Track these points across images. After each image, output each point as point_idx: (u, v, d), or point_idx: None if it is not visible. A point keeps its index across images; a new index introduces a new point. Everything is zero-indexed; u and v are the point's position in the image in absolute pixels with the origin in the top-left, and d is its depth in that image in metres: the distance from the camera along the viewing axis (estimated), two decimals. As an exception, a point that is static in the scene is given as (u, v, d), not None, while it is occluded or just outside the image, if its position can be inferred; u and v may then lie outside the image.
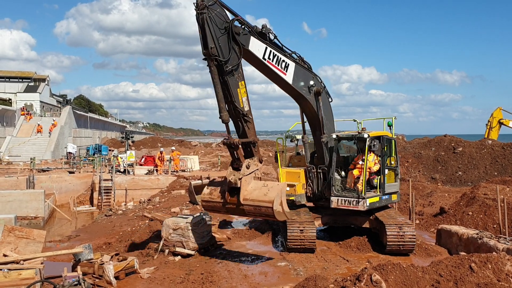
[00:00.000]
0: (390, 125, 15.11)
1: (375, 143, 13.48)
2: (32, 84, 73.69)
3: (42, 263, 10.61)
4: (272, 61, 11.86)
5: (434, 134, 55.90)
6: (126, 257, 11.59)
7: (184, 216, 14.36)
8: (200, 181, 23.75)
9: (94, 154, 44.82)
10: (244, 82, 10.93)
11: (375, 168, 13.90)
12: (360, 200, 13.28)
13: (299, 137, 15.71)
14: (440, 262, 7.77)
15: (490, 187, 19.98)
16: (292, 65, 12.48)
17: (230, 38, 10.55)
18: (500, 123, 42.48)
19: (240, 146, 11.00)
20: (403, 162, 37.80)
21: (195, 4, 10.09)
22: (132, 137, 53.97)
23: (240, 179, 10.88)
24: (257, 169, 11.35)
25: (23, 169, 35.54)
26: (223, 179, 11.91)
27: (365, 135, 13.49)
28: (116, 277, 10.58)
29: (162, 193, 28.70)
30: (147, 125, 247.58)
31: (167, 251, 13.05)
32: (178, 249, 12.93)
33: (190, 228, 13.00)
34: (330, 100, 14.18)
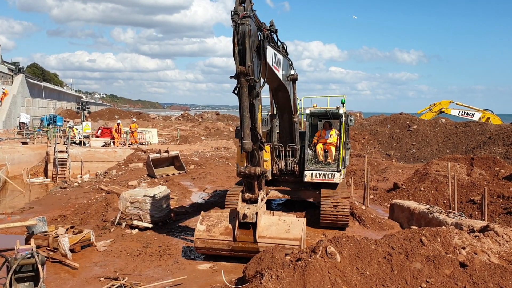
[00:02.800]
0: (343, 103, 15.39)
1: (351, 118, 14.01)
2: (-19, 50, 70.22)
3: (-7, 236, 10.33)
4: (275, 63, 11.00)
5: (390, 112, 57.29)
6: (82, 230, 11.42)
7: (141, 189, 14.22)
8: (158, 155, 23.50)
9: (48, 125, 43.46)
10: (261, 106, 10.06)
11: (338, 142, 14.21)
12: (336, 173, 13.56)
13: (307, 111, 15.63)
14: (392, 235, 8.04)
15: (442, 164, 20.73)
16: (281, 59, 11.73)
17: (262, 55, 9.62)
18: (441, 111, 44.96)
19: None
20: (359, 138, 38.60)
21: (234, 12, 8.89)
22: (88, 108, 52.61)
23: (257, 213, 9.74)
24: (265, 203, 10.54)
25: (-28, 139, 34.13)
26: (217, 212, 10.81)
27: (341, 111, 13.75)
28: (72, 250, 10.44)
29: (119, 166, 28.24)
30: (104, 96, 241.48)
31: (124, 224, 12.93)
32: (135, 222, 12.83)
33: (148, 201, 12.90)
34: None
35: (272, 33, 10.80)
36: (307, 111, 14.29)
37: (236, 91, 9.45)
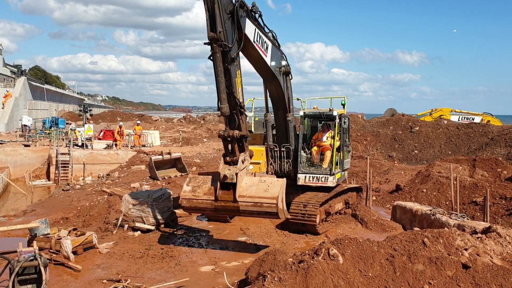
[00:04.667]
0: (343, 104, 15.23)
1: (345, 120, 13.78)
2: (-17, 52, 70.33)
3: (-4, 238, 10.35)
4: (259, 43, 11.22)
5: (392, 113, 57.10)
6: (84, 232, 11.43)
7: (144, 191, 14.23)
8: (160, 157, 23.53)
9: (50, 127, 43.53)
10: (240, 71, 10.33)
11: (336, 145, 14.02)
12: (329, 176, 13.38)
13: (250, 114, 15.55)
14: (394, 237, 8.03)
15: (444, 165, 20.70)
16: (270, 46, 11.96)
17: (235, 22, 9.89)
18: (440, 118, 45.22)
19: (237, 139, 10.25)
20: (361, 140, 38.55)
21: None
22: (90, 110, 52.69)
23: (237, 174, 10.08)
24: (248, 164, 10.70)
25: (-26, 141, 34.18)
26: (204, 175, 11.17)
27: (334, 113, 13.62)
28: (74, 252, 10.45)
29: (122, 168, 28.28)
30: (106, 98, 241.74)
31: (126, 226, 12.94)
32: (137, 224, 12.84)
33: (150, 203, 12.90)
34: (291, 78, 14.23)
35: (255, 14, 11.06)
36: (301, 113, 14.12)
37: (211, 58, 9.72)
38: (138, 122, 43.53)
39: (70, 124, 48.81)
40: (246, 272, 8.04)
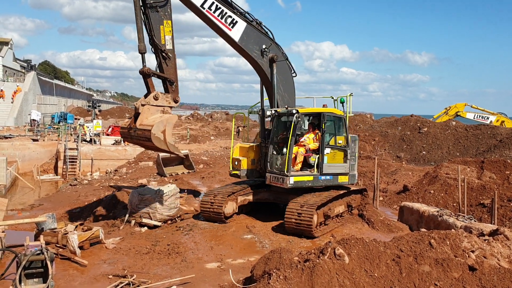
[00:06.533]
0: (342, 102, 14.40)
1: (299, 119, 12.92)
2: (-6, 47, 70.80)
3: (3, 232, 10.42)
4: (214, 13, 12.03)
5: (401, 113, 56.95)
6: (91, 227, 11.48)
7: (151, 188, 14.28)
8: (168, 154, 23.56)
9: (59, 122, 43.82)
10: (171, 22, 11.30)
11: (312, 146, 13.37)
12: (284, 177, 12.66)
13: (268, 112, 15.32)
14: (401, 237, 8.00)
15: (452, 167, 20.59)
16: (242, 24, 12.61)
17: None
18: (457, 115, 44.74)
19: (151, 75, 11.38)
20: (369, 140, 38.43)
21: None
22: (99, 106, 52.89)
23: (143, 105, 11.22)
24: (169, 107, 11.55)
25: (-16, 135, 34.43)
26: None
27: (294, 111, 12.77)
28: (81, 247, 10.49)
29: (130, 164, 28.38)
30: (115, 94, 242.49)
31: (133, 222, 12.99)
32: (144, 220, 12.88)
33: (157, 199, 12.94)
34: (294, 74, 14.04)
35: None
36: (272, 111, 13.61)
37: None
38: (146, 118, 43.62)
39: (79, 119, 49.11)
40: (251, 269, 8.04)
